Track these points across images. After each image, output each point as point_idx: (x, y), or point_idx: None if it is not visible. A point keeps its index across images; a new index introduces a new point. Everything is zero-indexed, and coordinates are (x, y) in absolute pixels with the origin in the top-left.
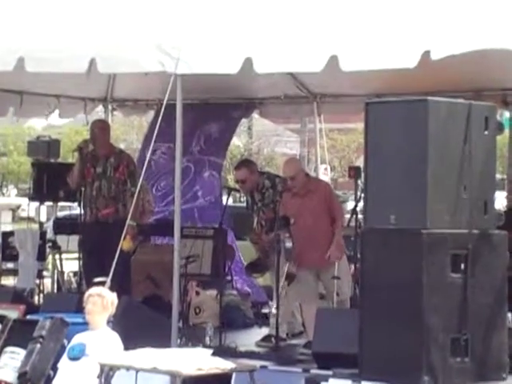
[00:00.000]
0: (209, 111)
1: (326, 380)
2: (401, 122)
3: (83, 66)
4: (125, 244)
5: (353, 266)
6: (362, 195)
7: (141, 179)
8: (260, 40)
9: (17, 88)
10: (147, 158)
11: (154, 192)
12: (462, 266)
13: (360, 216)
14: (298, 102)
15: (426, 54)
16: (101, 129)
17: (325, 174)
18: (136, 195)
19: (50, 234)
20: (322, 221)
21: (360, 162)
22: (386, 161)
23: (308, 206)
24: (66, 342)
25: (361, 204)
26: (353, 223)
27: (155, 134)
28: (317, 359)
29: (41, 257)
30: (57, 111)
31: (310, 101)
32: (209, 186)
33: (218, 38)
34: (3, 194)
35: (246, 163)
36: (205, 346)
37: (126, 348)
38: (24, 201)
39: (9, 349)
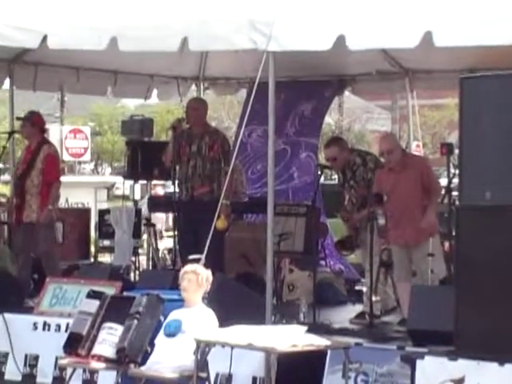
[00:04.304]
0: (301, 90)
1: (422, 357)
2: (496, 97)
3: (175, 45)
4: (219, 223)
5: (447, 244)
6: (456, 172)
7: (233, 160)
8: (353, 16)
9: (112, 67)
10: (239, 139)
11: (250, 175)
12: None
13: (454, 193)
14: (390, 77)
15: None
16: (197, 107)
17: (417, 151)
18: (229, 174)
19: (144, 212)
20: (417, 198)
21: (452, 139)
22: (481, 136)
23: (403, 183)
24: (162, 318)
25: (454, 181)
26: (446, 200)
27: (247, 114)
28: (412, 336)
29: (136, 234)
30: (155, 92)
31: (401, 76)
32: (305, 166)
33: (310, 14)
34: (98, 173)
35: (335, 141)
36: (299, 322)
37: (221, 324)
38: (118, 179)
39: (107, 325)
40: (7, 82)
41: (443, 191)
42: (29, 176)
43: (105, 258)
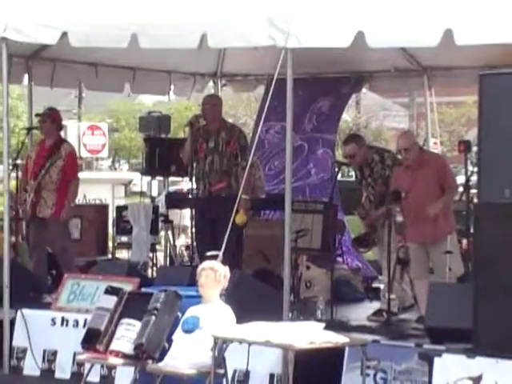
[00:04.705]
0: (319, 87)
1: (440, 355)
2: None
3: (195, 42)
4: (238, 218)
5: (464, 241)
6: (474, 169)
7: (251, 155)
8: (372, 13)
9: (130, 64)
10: (257, 136)
11: (267, 171)
12: None
13: (472, 190)
14: (408, 75)
15: None
16: (212, 104)
17: (435, 149)
18: (247, 169)
19: (161, 209)
20: (434, 195)
21: (469, 136)
22: (500, 134)
23: (420, 180)
24: (179, 314)
25: (472, 178)
26: (464, 198)
27: (265, 111)
28: (430, 334)
29: (153, 231)
30: (172, 88)
31: (420, 74)
32: (322, 163)
33: (328, 10)
34: (115, 169)
35: (354, 138)
36: (316, 319)
37: (238, 321)
38: (136, 175)
39: (125, 320)
40: (26, 78)
41: (461, 189)
42: (47, 172)
43: (122, 255)
